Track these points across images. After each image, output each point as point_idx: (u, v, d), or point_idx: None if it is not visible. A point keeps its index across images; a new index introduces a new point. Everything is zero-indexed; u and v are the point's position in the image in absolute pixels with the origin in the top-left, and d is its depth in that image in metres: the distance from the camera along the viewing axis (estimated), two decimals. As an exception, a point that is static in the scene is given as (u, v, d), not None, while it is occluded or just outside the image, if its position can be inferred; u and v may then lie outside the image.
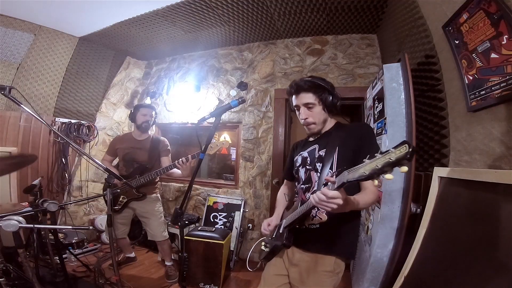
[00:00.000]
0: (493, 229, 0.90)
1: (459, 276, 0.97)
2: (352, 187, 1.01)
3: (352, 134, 1.12)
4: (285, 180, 1.51)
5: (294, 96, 1.18)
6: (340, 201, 0.80)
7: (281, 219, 1.31)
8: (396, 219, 1.48)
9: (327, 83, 1.15)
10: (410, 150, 0.58)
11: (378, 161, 0.64)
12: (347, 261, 1.19)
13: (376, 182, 0.67)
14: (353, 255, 1.17)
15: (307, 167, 1.21)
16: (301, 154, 1.27)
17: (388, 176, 0.63)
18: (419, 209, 1.41)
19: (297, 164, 1.27)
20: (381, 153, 0.64)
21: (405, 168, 0.60)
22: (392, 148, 0.62)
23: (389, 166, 0.62)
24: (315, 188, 1.14)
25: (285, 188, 1.51)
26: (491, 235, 0.90)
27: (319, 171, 1.13)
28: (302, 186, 1.22)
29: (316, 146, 1.21)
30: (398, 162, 0.60)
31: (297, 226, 1.17)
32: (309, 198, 1.13)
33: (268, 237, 1.33)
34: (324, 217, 1.12)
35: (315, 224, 1.14)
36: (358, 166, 0.70)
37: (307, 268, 1.13)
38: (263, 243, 1.36)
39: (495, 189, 0.91)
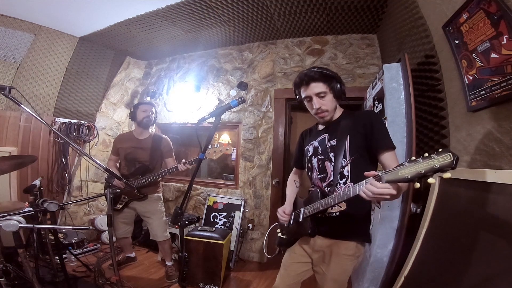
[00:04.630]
0: (493, 229, 0.90)
1: (459, 276, 0.97)
2: (366, 168, 1.02)
3: (361, 122, 1.14)
4: (294, 168, 1.55)
5: (303, 88, 1.20)
6: (389, 190, 0.80)
7: (295, 206, 1.35)
8: (396, 219, 1.48)
9: (333, 72, 1.19)
10: (455, 159, 0.63)
11: (420, 166, 0.68)
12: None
13: (417, 184, 0.71)
14: (370, 239, 1.23)
15: (319, 156, 1.24)
16: (312, 144, 1.29)
17: (430, 180, 0.67)
18: (419, 209, 1.41)
19: (309, 154, 1.30)
20: (422, 158, 0.68)
21: (449, 174, 0.66)
22: (435, 154, 0.67)
23: (433, 172, 0.66)
24: (331, 178, 1.17)
25: (294, 176, 1.55)
26: (491, 235, 0.90)
27: (332, 160, 1.17)
28: (318, 176, 1.25)
29: (326, 135, 1.23)
30: (441, 169, 0.65)
31: (319, 216, 1.20)
32: (326, 187, 1.19)
33: (286, 224, 1.35)
34: (344, 205, 1.16)
35: (335, 212, 1.18)
36: (397, 168, 0.74)
37: (330, 252, 1.18)
38: (278, 230, 1.40)
39: (495, 189, 0.91)
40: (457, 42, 1.22)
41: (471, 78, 1.14)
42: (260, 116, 3.01)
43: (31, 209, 1.50)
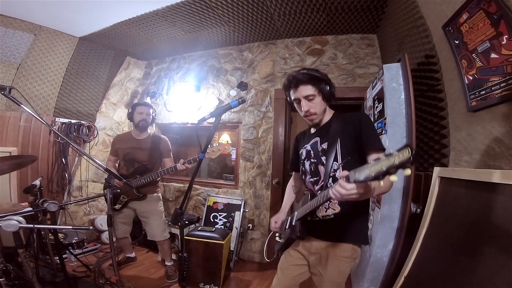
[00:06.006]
0: (492, 229, 0.90)
1: (459, 276, 0.97)
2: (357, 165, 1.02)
3: (351, 124, 1.14)
4: (293, 173, 1.54)
5: (292, 90, 1.20)
6: (356, 191, 0.80)
7: (292, 211, 1.35)
8: (396, 219, 1.48)
9: (322, 74, 1.19)
10: (413, 154, 0.61)
11: (383, 164, 0.66)
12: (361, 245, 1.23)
13: (381, 183, 0.69)
14: (367, 240, 1.20)
15: (312, 160, 1.24)
16: (305, 147, 1.30)
17: (393, 177, 0.65)
18: (419, 209, 1.41)
19: (303, 158, 1.31)
20: (386, 155, 0.67)
21: (408, 171, 0.63)
22: (396, 151, 0.64)
23: (394, 169, 0.64)
24: (323, 182, 1.17)
25: (292, 180, 1.55)
26: (491, 235, 0.90)
27: (324, 164, 1.17)
28: (311, 179, 1.25)
29: (318, 139, 1.23)
30: (401, 166, 0.63)
31: (308, 218, 1.20)
32: (318, 190, 1.18)
33: (283, 228, 1.37)
34: (337, 208, 1.15)
35: (329, 215, 1.17)
36: (364, 166, 0.73)
37: (327, 254, 1.18)
38: (277, 235, 1.41)
39: (495, 189, 0.91)
40: (457, 42, 1.22)
41: (471, 78, 1.14)
42: (260, 116, 3.01)
43: (31, 209, 1.50)
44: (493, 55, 1.00)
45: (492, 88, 1.01)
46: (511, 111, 0.94)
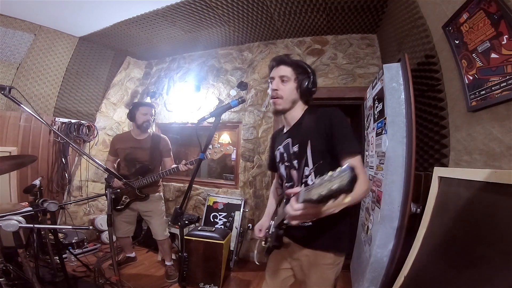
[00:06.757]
0: (492, 229, 0.90)
1: (459, 276, 0.97)
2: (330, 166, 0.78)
3: (321, 123, 1.03)
4: (275, 174, 1.46)
5: (274, 69, 1.14)
6: (301, 212, 0.71)
7: (276, 215, 1.32)
8: (396, 219, 1.48)
9: (310, 68, 1.13)
10: (349, 179, 0.50)
11: (324, 187, 0.55)
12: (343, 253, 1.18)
13: (324, 207, 0.61)
14: (347, 247, 1.14)
15: (286, 164, 1.17)
16: (279, 149, 1.22)
17: (329, 204, 0.57)
18: (419, 209, 1.41)
19: (277, 160, 1.24)
20: (330, 176, 0.56)
21: (348, 198, 0.53)
22: (338, 171, 0.53)
23: (333, 193, 0.53)
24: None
25: (276, 182, 1.50)
26: (491, 235, 0.90)
27: (296, 168, 1.09)
28: (286, 184, 1.19)
29: (289, 140, 1.15)
30: (340, 192, 0.52)
31: (283, 227, 1.13)
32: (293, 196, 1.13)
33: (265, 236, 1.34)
34: None
35: (307, 221, 1.09)
36: (311, 186, 0.62)
37: (308, 262, 1.12)
38: (263, 240, 1.38)
39: (495, 189, 0.91)
40: (457, 42, 1.22)
41: (471, 78, 1.14)
42: (260, 116, 3.01)
43: (31, 209, 1.50)
44: (493, 55, 1.00)
45: (492, 88, 1.01)
46: (511, 111, 0.94)
